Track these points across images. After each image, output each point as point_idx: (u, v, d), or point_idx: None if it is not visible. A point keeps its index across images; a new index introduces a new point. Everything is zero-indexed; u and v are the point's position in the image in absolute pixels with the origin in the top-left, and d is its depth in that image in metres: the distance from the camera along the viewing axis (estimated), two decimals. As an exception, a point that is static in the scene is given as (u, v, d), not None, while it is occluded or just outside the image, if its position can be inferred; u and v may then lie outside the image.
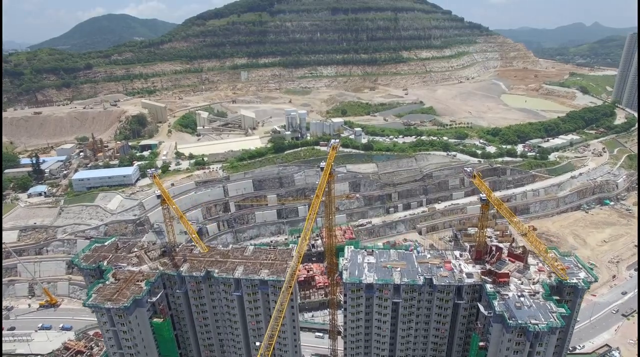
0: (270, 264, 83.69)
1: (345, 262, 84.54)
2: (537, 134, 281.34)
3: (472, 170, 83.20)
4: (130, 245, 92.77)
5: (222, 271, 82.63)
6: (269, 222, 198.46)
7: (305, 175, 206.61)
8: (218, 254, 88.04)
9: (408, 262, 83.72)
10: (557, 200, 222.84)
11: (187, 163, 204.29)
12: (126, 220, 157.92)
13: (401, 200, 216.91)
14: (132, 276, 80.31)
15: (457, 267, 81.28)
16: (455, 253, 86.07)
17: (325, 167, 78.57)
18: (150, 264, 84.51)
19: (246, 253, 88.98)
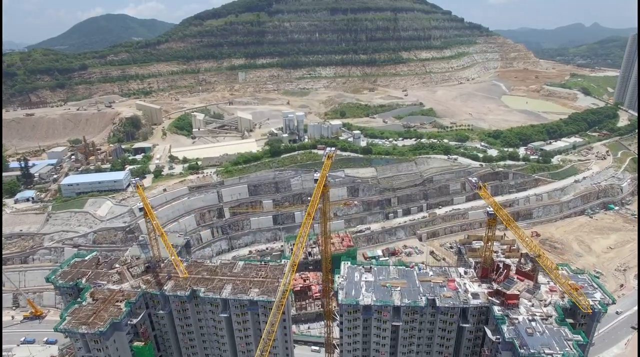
0: (260, 282, 78.13)
1: (341, 280, 78.87)
2: (539, 136, 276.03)
3: (477, 181, 77.51)
4: (112, 260, 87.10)
5: (208, 290, 77.02)
6: (264, 229, 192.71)
7: (302, 180, 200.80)
8: (205, 271, 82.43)
9: (409, 281, 78.11)
10: (560, 205, 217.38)
11: (181, 167, 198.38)
12: (115, 227, 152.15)
13: (401, 205, 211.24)
14: (112, 296, 74.65)
15: (461, 287, 75.67)
16: (460, 270, 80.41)
17: (320, 178, 72.85)
18: (132, 281, 78.86)
19: (235, 269, 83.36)
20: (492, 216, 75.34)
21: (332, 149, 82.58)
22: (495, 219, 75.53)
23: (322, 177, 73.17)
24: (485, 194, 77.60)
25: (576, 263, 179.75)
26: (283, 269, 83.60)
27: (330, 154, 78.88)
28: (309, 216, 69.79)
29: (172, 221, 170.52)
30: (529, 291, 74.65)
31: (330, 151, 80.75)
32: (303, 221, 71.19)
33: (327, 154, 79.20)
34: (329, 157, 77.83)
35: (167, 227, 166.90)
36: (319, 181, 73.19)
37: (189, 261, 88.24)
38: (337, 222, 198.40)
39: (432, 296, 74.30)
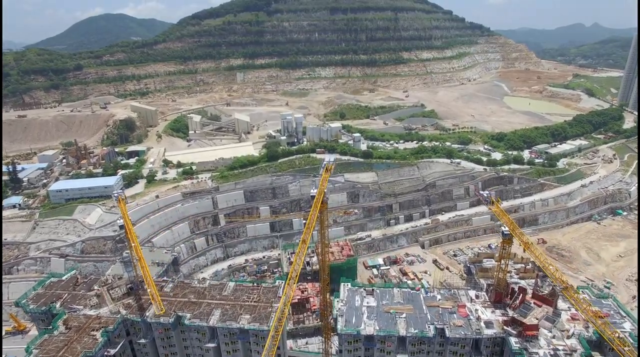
0: (252, 307, 71.48)
1: (341, 305, 72.13)
2: (543, 139, 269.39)
3: (489, 194, 70.80)
4: (91, 281, 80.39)
5: (195, 317, 70.38)
6: (261, 236, 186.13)
7: (300, 186, 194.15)
8: (192, 293, 75.80)
9: (415, 306, 71.44)
10: (567, 210, 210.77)
11: (175, 172, 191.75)
12: (105, 236, 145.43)
13: (402, 211, 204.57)
14: (88, 323, 68.03)
15: (473, 313, 69.00)
16: (470, 294, 73.72)
17: (317, 195, 65.91)
18: (111, 306, 72.24)
19: (225, 292, 76.69)
20: (507, 236, 68.62)
21: (331, 160, 75.78)
22: (510, 240, 68.85)
23: (320, 193, 66.25)
24: (498, 211, 70.94)
25: (585, 272, 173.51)
26: (277, 291, 76.86)
27: (329, 166, 72.05)
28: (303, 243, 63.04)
29: (165, 229, 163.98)
30: (548, 318, 67.99)
31: (329, 163, 73.99)
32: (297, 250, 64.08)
33: (325, 166, 72.19)
34: (328, 170, 70.89)
35: (159, 235, 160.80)
36: (316, 198, 66.15)
37: (175, 281, 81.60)
38: (337, 229, 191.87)
39: (441, 324, 67.64)
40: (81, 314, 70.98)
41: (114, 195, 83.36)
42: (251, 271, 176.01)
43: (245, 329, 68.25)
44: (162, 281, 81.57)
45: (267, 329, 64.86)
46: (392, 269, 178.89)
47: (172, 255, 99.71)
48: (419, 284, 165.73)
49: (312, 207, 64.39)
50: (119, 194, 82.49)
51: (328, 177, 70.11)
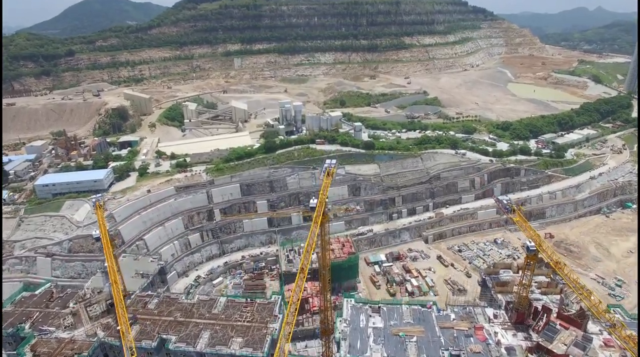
0: (245, 329, 64.55)
1: (344, 326, 65.03)
2: (550, 128, 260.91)
3: (509, 201, 63.20)
4: (67, 296, 73.18)
5: (181, 339, 63.47)
6: (258, 231, 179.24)
7: (299, 178, 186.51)
8: (179, 311, 68.84)
9: (426, 327, 64.45)
10: (575, 203, 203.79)
11: (168, 164, 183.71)
12: (94, 235, 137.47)
13: (405, 204, 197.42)
14: (59, 349, 60.89)
15: (492, 336, 61.98)
16: (488, 313, 66.61)
17: (318, 206, 58.12)
18: (88, 326, 65.18)
19: (215, 309, 69.71)
20: (532, 252, 61.16)
21: (333, 162, 67.71)
22: (535, 256, 61.44)
23: (321, 205, 58.40)
24: (521, 221, 63.40)
25: (595, 269, 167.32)
26: (273, 308, 69.80)
27: (331, 171, 64.09)
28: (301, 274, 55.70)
29: (158, 225, 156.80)
30: (577, 344, 60.90)
31: (330, 165, 66.04)
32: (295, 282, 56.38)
33: (326, 170, 64.22)
34: (329, 175, 62.93)
35: (152, 232, 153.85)
36: (316, 212, 58.17)
37: (161, 296, 74.46)
38: (337, 223, 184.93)
39: (457, 350, 60.67)
40: (53, 337, 63.89)
41: (91, 200, 75.12)
42: (248, 268, 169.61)
43: (237, 356, 61.54)
44: (146, 296, 74.40)
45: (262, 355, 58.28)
46: (395, 266, 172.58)
47: (159, 264, 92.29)
48: (423, 283, 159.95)
49: (312, 223, 56.57)
50: (97, 199, 74.45)
51: (330, 183, 62.26)
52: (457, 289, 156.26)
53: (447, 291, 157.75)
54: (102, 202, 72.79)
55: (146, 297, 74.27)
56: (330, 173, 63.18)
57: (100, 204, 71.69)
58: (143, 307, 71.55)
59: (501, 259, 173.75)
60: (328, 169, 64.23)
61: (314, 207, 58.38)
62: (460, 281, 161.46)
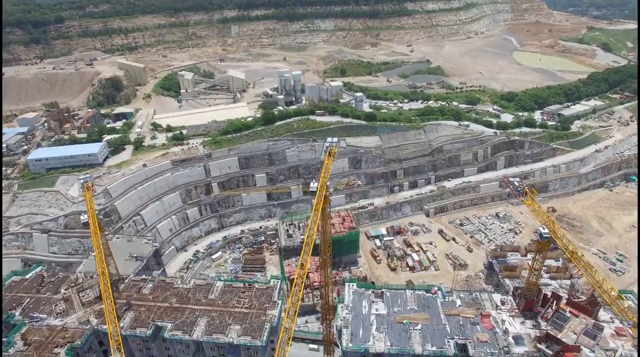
0: (243, 316, 62.34)
1: (345, 313, 62.64)
2: (555, 99, 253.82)
3: (520, 182, 59.65)
4: (59, 280, 70.54)
5: (176, 327, 61.38)
6: (257, 205, 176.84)
7: (299, 151, 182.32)
8: (174, 296, 66.58)
9: (431, 314, 62.18)
10: (579, 177, 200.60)
11: (164, 137, 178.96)
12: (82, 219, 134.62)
13: (407, 178, 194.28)
14: (51, 337, 58.81)
15: (499, 324, 59.73)
16: (495, 299, 64.15)
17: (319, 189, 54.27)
18: (80, 313, 62.99)
19: (212, 294, 67.37)
20: (546, 239, 57.93)
21: (335, 141, 63.38)
22: (549, 243, 58.33)
23: (322, 189, 54.40)
24: (535, 206, 59.94)
25: (597, 244, 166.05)
26: (272, 293, 67.34)
27: (333, 150, 59.82)
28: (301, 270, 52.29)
29: (155, 200, 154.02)
30: (588, 333, 58.68)
31: (332, 144, 61.79)
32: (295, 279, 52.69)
33: (327, 150, 59.92)
34: (331, 155, 58.68)
35: (148, 207, 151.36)
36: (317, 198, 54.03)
37: (156, 280, 71.95)
38: (338, 196, 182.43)
39: (463, 338, 58.51)
40: (44, 325, 61.52)
41: (79, 180, 70.76)
42: (247, 242, 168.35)
43: (235, 344, 59.46)
44: (140, 280, 71.70)
45: (260, 344, 56.09)
46: (396, 240, 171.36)
47: (154, 246, 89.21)
48: (424, 258, 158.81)
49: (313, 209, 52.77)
50: (85, 180, 69.86)
51: (331, 164, 58.06)
52: (459, 263, 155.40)
53: (448, 265, 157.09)
54: (91, 183, 68.36)
55: (140, 282, 71.59)
56: (332, 153, 58.88)
57: (89, 186, 67.10)
58: (137, 292, 69.08)
59: (503, 233, 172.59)
60: (330, 148, 59.84)
61: (314, 191, 54.52)
62: (461, 255, 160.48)
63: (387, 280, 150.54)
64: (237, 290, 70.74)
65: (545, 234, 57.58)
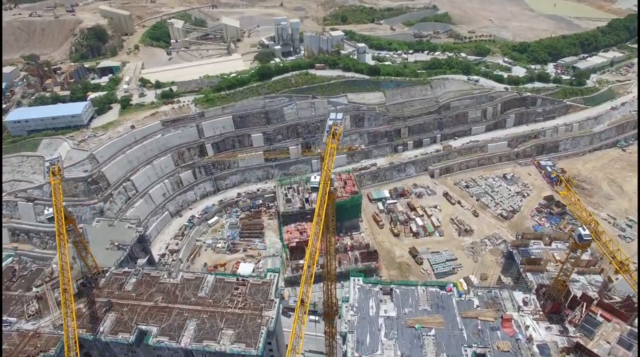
0: (236, 318, 56.10)
1: (351, 314, 56.30)
2: (571, 49, 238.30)
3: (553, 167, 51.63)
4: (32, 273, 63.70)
5: (163, 332, 55.29)
6: (254, 166, 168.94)
7: (297, 109, 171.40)
8: (160, 293, 60.22)
9: (446, 316, 56.00)
10: (591, 136, 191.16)
11: (154, 94, 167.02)
12: (75, 178, 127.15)
13: (412, 136, 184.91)
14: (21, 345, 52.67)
15: (522, 329, 53.58)
16: (517, 297, 57.56)
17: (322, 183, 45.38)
18: (56, 314, 56.50)
19: (202, 290, 60.92)
20: (585, 241, 49.95)
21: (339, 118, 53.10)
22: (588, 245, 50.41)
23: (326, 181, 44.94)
24: (571, 197, 51.76)
25: (606, 208, 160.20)
26: (268, 290, 60.72)
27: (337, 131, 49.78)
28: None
29: (145, 164, 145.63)
30: (622, 341, 52.62)
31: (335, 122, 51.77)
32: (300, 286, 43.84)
33: (331, 130, 49.86)
34: (335, 136, 48.87)
35: (139, 171, 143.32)
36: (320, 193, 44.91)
37: (140, 273, 65.11)
38: (339, 157, 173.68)
39: (482, 347, 52.35)
40: (14, 329, 55.07)
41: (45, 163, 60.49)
42: (245, 206, 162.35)
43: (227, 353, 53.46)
44: (122, 274, 64.31)
45: (256, 352, 50.17)
46: (399, 203, 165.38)
47: (137, 231, 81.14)
48: (429, 223, 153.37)
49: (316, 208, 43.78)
50: (52, 162, 59.28)
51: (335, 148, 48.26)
52: (464, 229, 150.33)
53: (453, 231, 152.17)
54: (57, 168, 57.75)
55: (123, 276, 64.33)
56: (336, 134, 48.94)
57: (54, 171, 56.63)
58: (119, 288, 61.98)
59: (510, 196, 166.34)
60: (333, 127, 49.59)
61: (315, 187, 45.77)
62: (467, 220, 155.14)
63: (390, 246, 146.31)
64: (229, 286, 63.81)
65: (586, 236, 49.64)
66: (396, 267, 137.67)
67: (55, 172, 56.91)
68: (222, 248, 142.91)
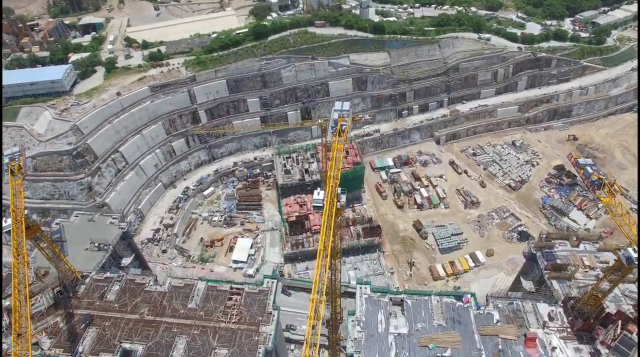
0: (230, 334, 50.31)
1: (358, 330, 50.50)
2: (590, 2, 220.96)
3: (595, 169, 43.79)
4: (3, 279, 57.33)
5: (149, 352, 49.47)
6: (251, 133, 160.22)
7: (296, 71, 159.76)
8: (146, 304, 53.93)
9: (463, 332, 50.26)
10: (607, 100, 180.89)
11: (140, 55, 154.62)
12: (59, 151, 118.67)
13: (417, 100, 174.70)
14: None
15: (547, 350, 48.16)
16: (541, 310, 51.68)
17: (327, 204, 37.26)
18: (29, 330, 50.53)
19: (192, 302, 54.61)
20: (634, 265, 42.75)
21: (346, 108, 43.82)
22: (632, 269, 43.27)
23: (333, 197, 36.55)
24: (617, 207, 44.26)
25: (619, 178, 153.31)
26: (266, 300, 54.78)
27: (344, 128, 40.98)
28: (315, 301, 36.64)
29: (134, 133, 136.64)
30: (666, 370, 47.74)
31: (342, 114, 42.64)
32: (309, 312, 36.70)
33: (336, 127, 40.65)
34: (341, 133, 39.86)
35: (128, 142, 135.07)
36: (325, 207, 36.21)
37: (123, 279, 58.49)
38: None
39: (506, 373, 47.54)
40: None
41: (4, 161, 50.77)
42: (241, 175, 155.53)
43: (221, 379, 48.12)
44: (104, 280, 57.54)
45: (254, 380, 45.24)
46: (403, 173, 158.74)
47: (120, 228, 73.24)
48: (434, 194, 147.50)
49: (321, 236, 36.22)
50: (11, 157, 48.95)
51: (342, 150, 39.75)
52: (470, 201, 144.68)
53: (459, 202, 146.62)
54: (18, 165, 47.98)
55: (105, 282, 58.01)
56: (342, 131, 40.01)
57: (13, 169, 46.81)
58: (101, 298, 55.83)
59: (519, 165, 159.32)
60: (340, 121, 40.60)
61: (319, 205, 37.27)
62: (473, 191, 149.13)
63: (393, 219, 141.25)
64: (222, 295, 57.22)
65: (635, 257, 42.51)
66: (400, 242, 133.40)
67: (15, 171, 47.82)
68: (219, 222, 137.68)
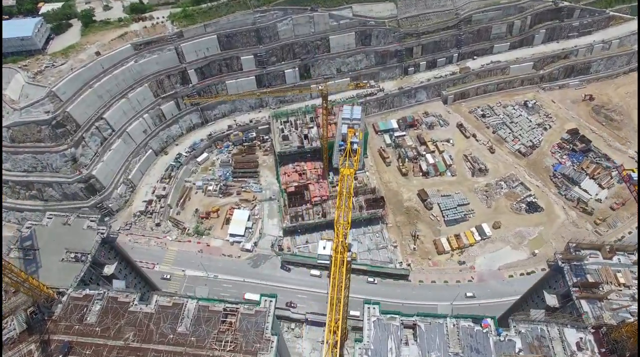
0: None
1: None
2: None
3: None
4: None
5: (135, 394, 44.52)
6: (245, 94, 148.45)
7: (294, 24, 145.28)
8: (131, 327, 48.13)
9: (486, 367, 45.29)
10: (630, 54, 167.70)
11: (121, 6, 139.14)
12: (37, 121, 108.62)
13: (425, 56, 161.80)
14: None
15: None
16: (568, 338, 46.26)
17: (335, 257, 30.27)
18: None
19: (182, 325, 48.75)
20: None
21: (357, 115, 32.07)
22: None
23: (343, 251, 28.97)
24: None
25: (634, 143, 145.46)
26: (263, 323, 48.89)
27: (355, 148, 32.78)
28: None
29: (119, 97, 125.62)
30: None
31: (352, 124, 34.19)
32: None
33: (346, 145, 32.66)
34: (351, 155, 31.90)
35: (112, 107, 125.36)
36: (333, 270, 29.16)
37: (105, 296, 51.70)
38: (341, 80, 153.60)
39: None
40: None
41: None
42: (237, 140, 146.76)
43: None
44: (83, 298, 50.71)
45: None
46: (408, 136, 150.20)
47: (100, 233, 64.71)
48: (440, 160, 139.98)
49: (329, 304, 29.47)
50: None
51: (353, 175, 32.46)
52: (478, 168, 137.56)
53: (466, 170, 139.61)
54: None
55: (84, 301, 51.68)
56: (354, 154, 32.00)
57: None
58: (80, 321, 49.79)
59: (530, 129, 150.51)
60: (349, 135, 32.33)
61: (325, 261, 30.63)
62: (481, 157, 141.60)
63: (397, 188, 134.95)
64: (215, 317, 51.09)
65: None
66: (404, 213, 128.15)
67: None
68: (214, 191, 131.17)
